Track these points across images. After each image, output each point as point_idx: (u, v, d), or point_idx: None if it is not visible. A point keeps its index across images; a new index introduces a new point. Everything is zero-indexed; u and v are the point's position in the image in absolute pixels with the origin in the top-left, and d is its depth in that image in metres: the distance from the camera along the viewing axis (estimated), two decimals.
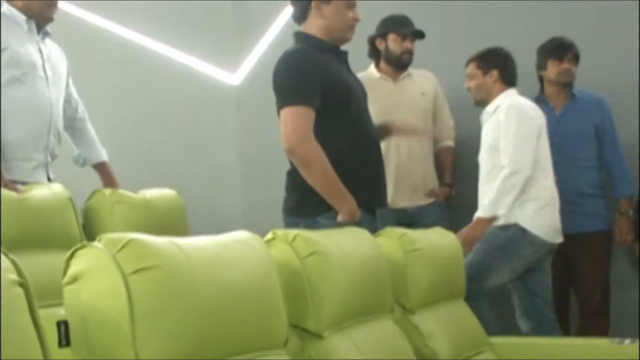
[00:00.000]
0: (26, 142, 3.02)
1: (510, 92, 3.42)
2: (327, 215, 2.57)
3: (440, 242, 2.67)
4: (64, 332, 1.37)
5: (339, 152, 2.60)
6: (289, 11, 4.56)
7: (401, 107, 3.64)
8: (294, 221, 2.62)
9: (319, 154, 2.52)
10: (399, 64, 3.82)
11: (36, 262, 2.40)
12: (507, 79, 3.44)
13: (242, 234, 1.71)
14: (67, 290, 1.40)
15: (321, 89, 2.59)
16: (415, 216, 3.75)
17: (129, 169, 4.06)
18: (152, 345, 1.38)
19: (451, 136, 3.98)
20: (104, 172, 3.47)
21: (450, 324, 2.53)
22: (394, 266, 2.35)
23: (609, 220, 3.72)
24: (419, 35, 3.77)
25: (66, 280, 1.40)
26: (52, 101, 3.12)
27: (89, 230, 3.05)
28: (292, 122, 2.53)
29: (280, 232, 1.91)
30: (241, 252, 1.64)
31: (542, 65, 3.76)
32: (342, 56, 2.83)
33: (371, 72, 3.84)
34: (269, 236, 1.89)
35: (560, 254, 3.63)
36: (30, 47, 3.07)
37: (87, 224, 3.12)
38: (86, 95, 3.53)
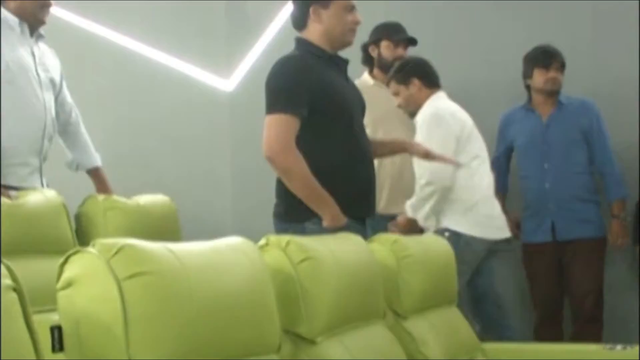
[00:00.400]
0: (22, 147, 2.99)
1: (437, 96, 3.44)
2: (313, 220, 2.59)
3: (432, 248, 2.69)
4: (57, 337, 1.37)
5: (329, 163, 2.63)
6: (283, 16, 4.60)
7: (395, 114, 3.64)
8: (283, 227, 2.62)
9: (298, 163, 2.55)
10: None
11: (29, 267, 2.39)
12: (430, 82, 3.46)
13: (235, 240, 1.72)
14: (61, 295, 1.40)
15: (312, 98, 2.61)
16: None
17: (122, 175, 4.05)
18: (146, 350, 1.38)
19: None
20: (97, 177, 3.44)
21: (442, 329, 2.53)
22: (386, 272, 2.35)
23: (602, 226, 3.74)
24: (412, 42, 3.78)
25: (60, 285, 1.40)
26: (46, 105, 3.09)
27: (81, 235, 3.05)
28: (275, 130, 2.56)
29: (273, 237, 1.91)
30: (234, 257, 1.64)
31: (528, 73, 3.78)
32: (341, 65, 2.83)
33: (365, 80, 3.85)
34: (262, 242, 1.89)
35: (554, 259, 3.65)
36: (22, 51, 3.04)
37: (80, 229, 3.11)
38: (78, 100, 3.50)
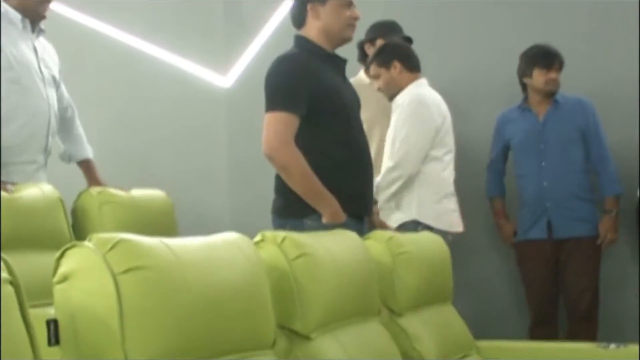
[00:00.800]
0: (28, 144, 2.98)
1: (419, 82, 3.46)
2: (312, 217, 2.60)
3: (427, 245, 2.70)
4: (53, 331, 1.38)
5: (327, 161, 2.64)
6: (281, 13, 4.61)
7: (389, 112, 3.65)
8: (281, 223, 2.63)
9: (297, 159, 2.56)
10: None
11: (26, 261, 2.39)
12: (411, 65, 3.47)
13: (231, 235, 1.72)
14: (57, 289, 1.41)
15: (311, 96, 2.61)
16: None
17: (119, 171, 4.06)
18: (141, 344, 1.39)
19: None
20: (88, 169, 3.41)
21: (437, 326, 2.54)
22: (381, 269, 2.36)
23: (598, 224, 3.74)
24: (408, 40, 3.78)
25: (56, 279, 1.41)
26: (49, 101, 3.08)
27: (77, 230, 3.05)
28: (274, 128, 2.58)
29: (269, 234, 1.92)
30: (230, 253, 1.65)
31: (527, 72, 3.76)
32: (340, 64, 2.83)
33: (361, 78, 3.86)
34: (258, 238, 1.90)
35: (550, 258, 3.66)
36: (24, 47, 3.02)
37: (76, 223, 3.11)
38: (75, 96, 3.51)
